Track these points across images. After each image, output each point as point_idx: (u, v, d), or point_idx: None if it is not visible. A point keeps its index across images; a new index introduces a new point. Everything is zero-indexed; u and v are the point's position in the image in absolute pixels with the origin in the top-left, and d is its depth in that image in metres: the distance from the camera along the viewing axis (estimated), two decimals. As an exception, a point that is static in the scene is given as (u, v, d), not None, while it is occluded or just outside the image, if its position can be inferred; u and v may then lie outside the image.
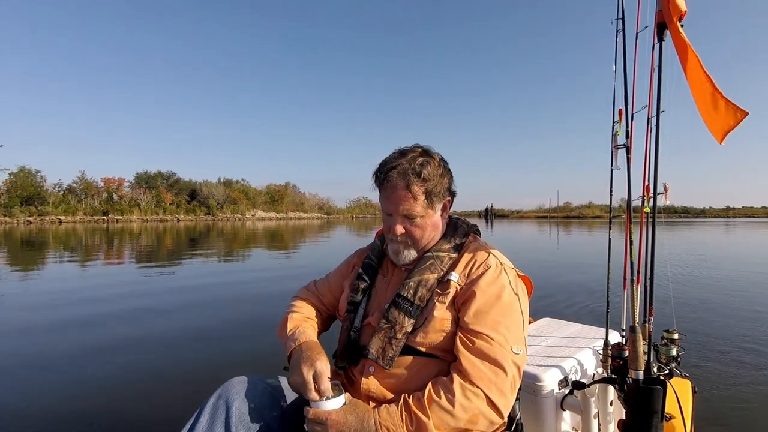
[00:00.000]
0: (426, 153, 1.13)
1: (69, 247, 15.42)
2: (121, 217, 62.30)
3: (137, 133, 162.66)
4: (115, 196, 69.56)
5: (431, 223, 1.13)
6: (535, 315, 1.87)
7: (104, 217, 61.54)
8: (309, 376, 0.97)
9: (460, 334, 1.02)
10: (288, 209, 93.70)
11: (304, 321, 1.21)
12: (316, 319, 1.25)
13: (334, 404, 0.95)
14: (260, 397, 1.04)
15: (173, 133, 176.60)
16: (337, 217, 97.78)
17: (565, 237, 21.74)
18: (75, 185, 67.28)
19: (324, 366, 1.00)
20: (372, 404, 1.03)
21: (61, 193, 65.33)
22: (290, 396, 1.12)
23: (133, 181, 74.42)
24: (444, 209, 1.17)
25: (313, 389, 0.96)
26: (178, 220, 64.61)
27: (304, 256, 12.86)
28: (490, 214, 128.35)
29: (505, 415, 0.98)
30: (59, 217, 57.40)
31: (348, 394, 0.99)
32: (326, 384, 0.98)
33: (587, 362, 1.58)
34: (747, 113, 1.26)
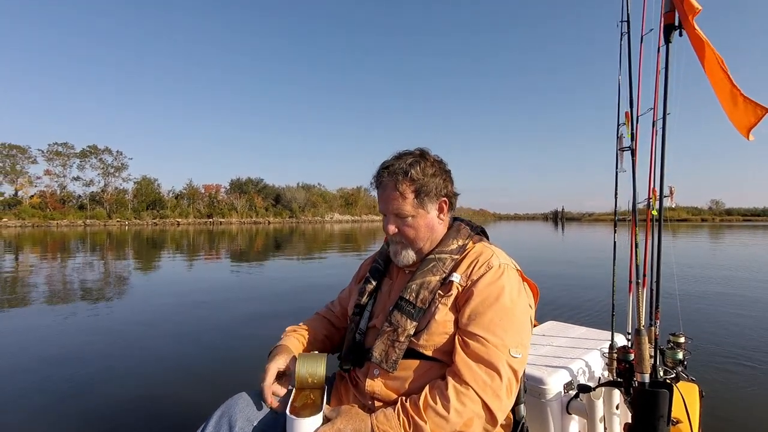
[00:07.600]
0: (420, 154, 1.09)
1: (230, 248, 15.97)
2: (223, 220, 68.61)
3: (226, 140, 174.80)
4: (214, 201, 76.60)
5: (424, 224, 1.08)
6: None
7: (209, 220, 68.25)
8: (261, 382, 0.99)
9: (457, 335, 0.98)
10: (362, 212, 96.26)
11: (289, 334, 1.20)
12: (308, 331, 1.22)
13: (310, 423, 0.88)
14: (264, 413, 1.00)
15: (254, 140, 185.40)
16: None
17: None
18: (184, 191, 75.18)
19: (272, 365, 1.01)
20: (378, 405, 1.01)
21: (174, 198, 73.57)
22: None
23: (228, 187, 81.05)
24: (440, 210, 1.11)
25: (267, 392, 0.98)
26: (269, 222, 69.36)
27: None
28: (560, 218, 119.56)
29: (500, 419, 0.93)
30: (177, 219, 64.92)
31: (327, 406, 0.93)
32: (268, 381, 0.99)
33: (593, 365, 1.50)
34: (767, 110, 1.20)
